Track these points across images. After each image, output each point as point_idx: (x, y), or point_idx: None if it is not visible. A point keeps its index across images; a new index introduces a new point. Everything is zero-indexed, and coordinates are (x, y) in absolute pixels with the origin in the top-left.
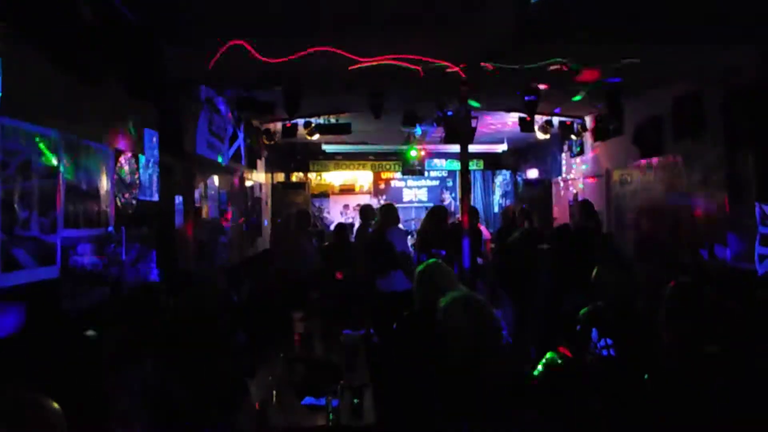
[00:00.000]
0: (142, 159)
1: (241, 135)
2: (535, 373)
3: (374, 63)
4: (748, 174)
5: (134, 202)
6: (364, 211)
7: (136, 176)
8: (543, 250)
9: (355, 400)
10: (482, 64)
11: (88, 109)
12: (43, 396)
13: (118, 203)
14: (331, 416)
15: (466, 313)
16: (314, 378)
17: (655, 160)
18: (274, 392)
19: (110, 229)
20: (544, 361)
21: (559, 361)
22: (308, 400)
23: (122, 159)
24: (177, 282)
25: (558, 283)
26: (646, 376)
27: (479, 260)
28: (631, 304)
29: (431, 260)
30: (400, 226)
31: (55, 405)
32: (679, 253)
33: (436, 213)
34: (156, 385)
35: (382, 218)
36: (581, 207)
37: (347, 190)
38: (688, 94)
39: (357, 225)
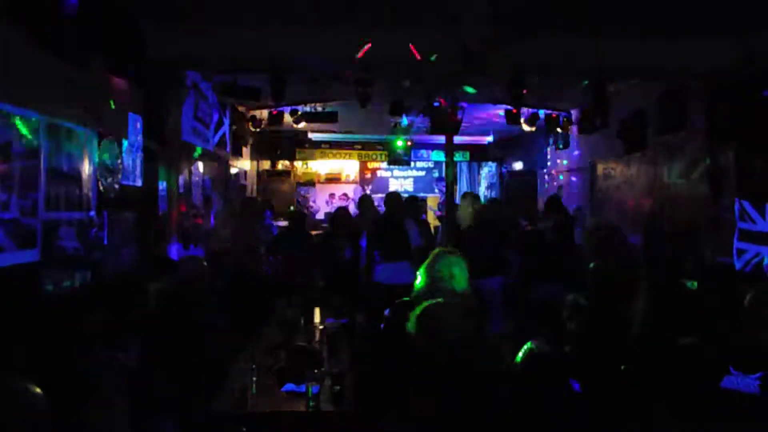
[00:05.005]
0: (125, 143)
1: (226, 121)
2: (516, 360)
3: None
4: (729, 170)
5: (117, 186)
6: (364, 201)
7: (119, 161)
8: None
9: (336, 387)
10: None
11: (70, 91)
12: (26, 380)
13: (101, 187)
14: (311, 403)
15: (436, 326)
16: (295, 364)
17: (638, 154)
18: (255, 378)
19: (92, 213)
20: (523, 351)
21: (538, 351)
22: (289, 386)
23: (105, 142)
24: (160, 268)
25: (526, 272)
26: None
27: None
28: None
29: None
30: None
31: (38, 389)
32: (660, 246)
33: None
34: (137, 369)
35: (406, 208)
36: (548, 205)
37: (333, 178)
38: (672, 89)
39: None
